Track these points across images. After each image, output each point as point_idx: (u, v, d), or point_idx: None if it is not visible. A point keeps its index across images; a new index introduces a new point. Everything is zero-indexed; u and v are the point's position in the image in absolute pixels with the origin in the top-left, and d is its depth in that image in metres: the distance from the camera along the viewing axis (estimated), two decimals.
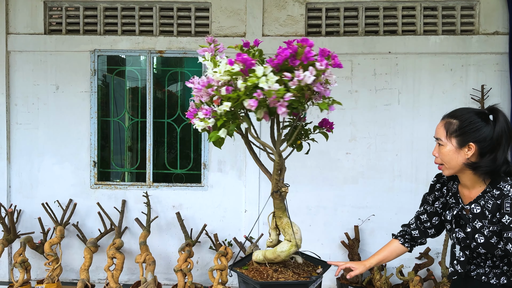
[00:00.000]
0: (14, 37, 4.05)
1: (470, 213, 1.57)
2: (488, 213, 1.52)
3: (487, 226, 1.52)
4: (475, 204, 1.56)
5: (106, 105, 4.31)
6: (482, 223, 1.53)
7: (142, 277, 3.43)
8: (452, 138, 1.54)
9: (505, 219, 1.47)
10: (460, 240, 1.62)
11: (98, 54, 4.08)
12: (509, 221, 1.46)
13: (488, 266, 1.61)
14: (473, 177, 1.56)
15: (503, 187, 1.50)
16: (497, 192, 1.51)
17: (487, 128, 1.51)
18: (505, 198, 1.48)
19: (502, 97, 3.87)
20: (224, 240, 3.98)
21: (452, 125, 1.55)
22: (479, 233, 1.53)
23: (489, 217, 1.52)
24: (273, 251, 1.72)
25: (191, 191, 4.08)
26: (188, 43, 4.02)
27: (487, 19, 3.89)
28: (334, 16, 4.02)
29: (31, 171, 4.11)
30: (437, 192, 1.75)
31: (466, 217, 1.59)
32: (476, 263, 1.65)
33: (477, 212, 1.55)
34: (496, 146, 1.50)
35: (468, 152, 1.53)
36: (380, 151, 3.95)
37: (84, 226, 4.08)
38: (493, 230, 1.51)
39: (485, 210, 1.52)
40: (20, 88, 4.08)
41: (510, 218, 1.46)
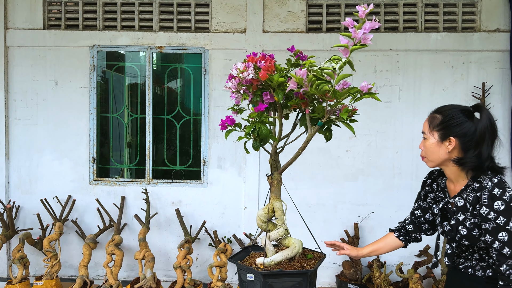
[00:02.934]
0: (13, 32, 4.02)
1: (455, 206, 1.64)
2: (469, 205, 1.58)
3: (469, 219, 1.58)
4: (459, 197, 1.62)
5: (106, 101, 4.29)
6: (464, 216, 1.60)
7: (141, 274, 3.42)
8: (435, 131, 1.62)
9: (483, 211, 1.53)
10: (446, 233, 1.68)
11: (97, 50, 4.06)
12: (486, 212, 1.52)
13: (475, 259, 1.67)
14: (456, 171, 1.63)
15: (482, 181, 1.56)
16: (477, 185, 1.58)
17: (468, 124, 1.57)
18: (483, 190, 1.54)
19: (503, 94, 3.86)
20: (223, 237, 3.97)
21: (435, 119, 1.64)
22: (462, 225, 1.60)
23: (470, 209, 1.58)
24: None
25: (190, 187, 4.07)
26: (188, 39, 4.00)
27: (489, 16, 3.87)
28: (335, 13, 4.00)
29: (30, 167, 4.10)
30: (428, 188, 1.82)
31: (451, 210, 1.66)
32: (465, 257, 1.71)
33: (460, 205, 1.61)
34: (479, 142, 1.56)
35: (449, 146, 1.60)
36: (380, 148, 3.94)
37: (83, 222, 4.07)
38: (474, 222, 1.57)
39: (467, 203, 1.59)
40: (19, 84, 4.06)
41: (487, 209, 1.52)
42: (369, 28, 1.45)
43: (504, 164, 1.61)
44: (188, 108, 4.25)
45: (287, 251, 1.74)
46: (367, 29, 1.46)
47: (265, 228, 1.84)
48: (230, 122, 1.72)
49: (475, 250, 1.66)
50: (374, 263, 3.56)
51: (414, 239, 1.93)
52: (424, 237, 1.92)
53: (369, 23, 1.46)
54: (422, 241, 1.97)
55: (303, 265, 1.72)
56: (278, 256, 1.72)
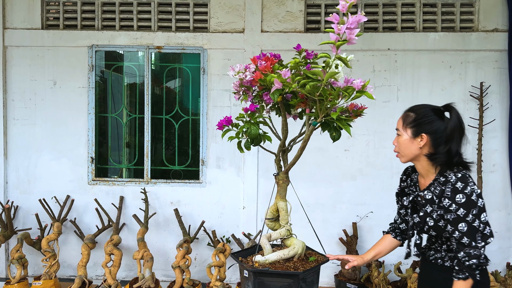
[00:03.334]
0: (11, 32, 4.02)
1: (423, 199, 1.76)
2: (435, 198, 1.70)
3: (436, 210, 1.70)
4: (428, 190, 1.74)
5: (104, 101, 4.28)
6: (432, 208, 1.71)
7: (140, 274, 3.42)
8: (408, 128, 1.72)
9: (445, 203, 1.65)
10: (416, 224, 1.79)
11: (96, 50, 4.05)
12: (448, 204, 1.64)
13: (444, 250, 1.77)
14: (427, 166, 1.74)
15: (448, 175, 1.68)
16: (443, 179, 1.69)
17: (439, 122, 1.69)
18: (447, 183, 1.66)
19: (501, 94, 3.87)
20: (222, 237, 3.97)
21: (409, 117, 1.74)
22: (429, 217, 1.72)
23: (437, 202, 1.70)
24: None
25: (189, 187, 4.07)
26: (186, 38, 4.00)
27: (487, 16, 3.87)
28: (333, 13, 4.00)
29: (28, 167, 4.09)
30: (403, 183, 1.93)
31: (421, 203, 1.77)
32: (434, 248, 1.81)
33: (428, 198, 1.73)
34: (449, 139, 1.67)
35: (420, 142, 1.70)
36: (378, 148, 3.94)
37: (82, 222, 4.07)
38: (440, 214, 1.68)
39: (434, 196, 1.71)
40: (17, 84, 4.06)
41: (449, 201, 1.63)
42: (353, 22, 1.41)
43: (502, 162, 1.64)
44: (187, 108, 4.25)
45: (284, 251, 1.74)
46: (351, 23, 1.42)
47: (272, 227, 1.86)
48: (227, 122, 1.72)
49: (443, 241, 1.76)
50: (372, 262, 3.57)
51: (410, 235, 1.96)
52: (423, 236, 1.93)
53: (353, 17, 1.42)
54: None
55: (297, 267, 1.70)
56: (273, 255, 1.72)
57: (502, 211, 3.92)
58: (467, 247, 1.60)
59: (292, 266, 1.71)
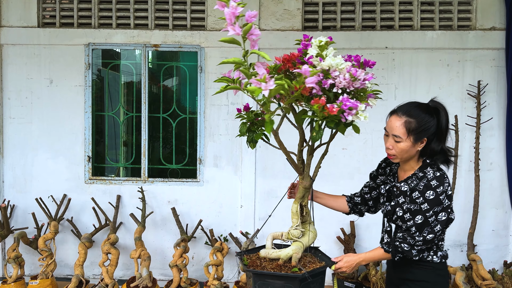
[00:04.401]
0: (7, 30, 3.99)
1: (398, 190, 1.84)
2: (409, 191, 1.78)
3: (407, 203, 1.78)
4: (404, 183, 1.82)
5: (101, 100, 4.26)
6: (404, 200, 1.80)
7: (137, 273, 3.41)
8: (411, 136, 1.74)
9: (414, 194, 1.75)
10: (387, 212, 1.89)
11: (92, 48, 4.03)
12: (416, 197, 1.74)
13: None
14: (413, 163, 1.83)
15: (427, 172, 1.77)
16: (421, 174, 1.78)
17: (434, 122, 1.76)
18: (423, 179, 1.75)
19: (499, 92, 3.87)
20: (219, 236, 3.97)
21: (411, 124, 1.74)
22: (399, 208, 1.81)
23: (409, 194, 1.78)
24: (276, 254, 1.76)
25: (186, 186, 4.06)
26: (183, 37, 3.99)
27: (484, 14, 3.87)
28: (331, 11, 4.00)
29: (25, 166, 4.07)
30: (381, 170, 2.02)
31: (395, 193, 1.86)
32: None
33: (403, 190, 1.81)
34: (443, 137, 1.78)
35: (421, 145, 1.78)
36: (376, 146, 3.94)
37: (79, 221, 4.06)
38: (408, 207, 1.77)
39: (408, 189, 1.79)
40: (13, 82, 4.03)
41: (418, 194, 1.74)
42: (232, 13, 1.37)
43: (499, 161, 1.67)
44: (184, 107, 4.23)
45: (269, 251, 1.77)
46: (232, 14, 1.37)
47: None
48: (246, 109, 1.67)
49: None
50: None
51: (358, 211, 2.14)
52: None
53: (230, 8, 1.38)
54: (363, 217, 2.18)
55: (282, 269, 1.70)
56: (263, 251, 1.79)
57: (499, 209, 3.93)
58: (409, 234, 1.74)
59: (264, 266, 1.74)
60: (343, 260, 1.78)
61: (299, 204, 1.79)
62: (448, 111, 1.82)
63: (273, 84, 1.34)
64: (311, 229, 1.83)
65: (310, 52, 1.53)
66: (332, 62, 1.47)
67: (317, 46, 1.53)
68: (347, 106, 1.44)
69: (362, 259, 1.81)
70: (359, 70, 1.51)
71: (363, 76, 1.51)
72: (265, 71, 1.42)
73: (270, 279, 1.65)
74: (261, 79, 1.35)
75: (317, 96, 1.47)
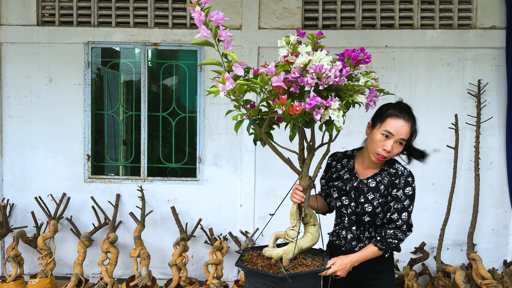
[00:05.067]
0: (6, 29, 3.98)
1: (366, 186, 1.88)
2: (383, 187, 1.85)
3: (377, 198, 1.84)
4: (372, 179, 1.87)
5: (100, 98, 4.26)
6: (374, 195, 1.85)
7: (136, 272, 3.41)
8: (409, 139, 1.84)
9: (398, 193, 1.83)
10: (347, 207, 1.91)
11: (92, 46, 4.02)
12: (400, 194, 1.82)
13: (366, 238, 1.92)
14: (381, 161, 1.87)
15: (398, 168, 1.87)
16: (393, 171, 1.86)
17: None
18: (400, 176, 1.84)
19: (499, 92, 3.87)
20: (219, 235, 3.96)
21: (413, 128, 1.84)
22: (369, 203, 1.85)
23: (382, 190, 1.85)
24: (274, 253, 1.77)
25: (186, 185, 4.06)
26: (183, 35, 3.98)
27: (485, 13, 3.87)
28: (331, 9, 3.99)
29: (24, 165, 4.07)
30: (333, 169, 2.04)
31: (362, 189, 1.88)
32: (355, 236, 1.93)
33: (372, 186, 1.86)
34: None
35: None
36: None
37: (78, 220, 4.05)
38: (381, 202, 1.84)
39: (380, 185, 1.85)
40: (13, 81, 4.02)
41: (401, 192, 1.82)
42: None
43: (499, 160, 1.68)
44: (184, 105, 4.23)
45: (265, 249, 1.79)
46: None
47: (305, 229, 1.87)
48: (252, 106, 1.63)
49: (366, 228, 1.92)
50: None
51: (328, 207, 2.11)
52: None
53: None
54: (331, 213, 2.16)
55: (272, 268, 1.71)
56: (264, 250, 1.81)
57: (499, 209, 3.92)
58: (400, 230, 1.82)
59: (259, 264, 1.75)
60: (336, 264, 1.74)
61: (297, 204, 1.78)
62: (448, 110, 1.88)
63: (231, 84, 1.36)
64: (311, 231, 1.80)
65: (281, 53, 1.49)
66: (304, 60, 1.43)
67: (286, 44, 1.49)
68: (312, 105, 1.38)
69: (356, 260, 1.80)
70: (337, 65, 1.45)
71: (333, 72, 1.43)
72: (242, 71, 1.43)
73: (256, 277, 1.67)
74: (220, 80, 1.38)
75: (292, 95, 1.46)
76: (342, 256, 1.78)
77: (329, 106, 1.39)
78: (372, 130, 1.85)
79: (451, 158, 3.81)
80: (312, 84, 1.43)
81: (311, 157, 1.74)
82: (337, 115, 1.40)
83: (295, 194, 1.75)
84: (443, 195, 3.85)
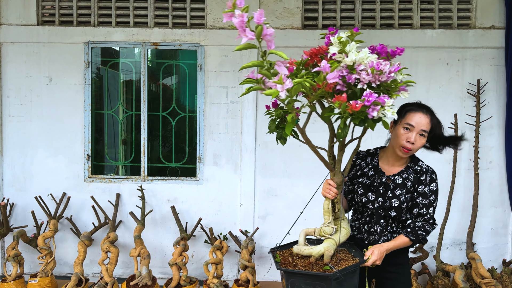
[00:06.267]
0: (6, 28, 3.98)
1: (392, 183, 1.97)
2: (410, 183, 1.95)
3: (404, 194, 1.94)
4: (398, 176, 1.97)
5: (100, 98, 4.26)
6: (401, 191, 1.95)
7: (136, 271, 3.41)
8: (430, 133, 1.93)
9: (426, 189, 1.94)
10: (374, 202, 1.98)
11: (92, 46, 4.03)
12: (426, 190, 1.94)
13: (389, 232, 2.00)
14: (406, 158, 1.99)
15: (422, 166, 1.98)
16: (418, 168, 1.98)
17: None
18: (425, 173, 1.96)
19: (498, 91, 3.87)
20: (219, 234, 3.97)
21: (433, 122, 1.93)
22: (396, 199, 1.94)
23: (409, 187, 1.95)
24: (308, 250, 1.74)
25: (186, 185, 4.06)
26: (183, 35, 3.98)
27: (484, 13, 3.87)
28: (331, 9, 4.00)
29: (24, 164, 4.07)
30: (357, 167, 2.11)
31: (389, 185, 1.97)
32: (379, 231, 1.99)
33: (399, 182, 1.96)
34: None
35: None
36: (376, 144, 3.89)
37: (78, 219, 4.05)
38: (407, 197, 1.94)
39: (407, 181, 1.95)
40: (13, 80, 4.03)
41: (428, 188, 1.94)
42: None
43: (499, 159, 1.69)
44: (184, 105, 4.23)
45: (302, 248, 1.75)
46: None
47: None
48: (274, 105, 1.59)
49: (389, 223, 1.99)
50: None
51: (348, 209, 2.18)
52: None
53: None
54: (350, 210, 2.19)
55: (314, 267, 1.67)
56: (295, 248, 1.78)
57: (498, 208, 3.93)
58: (428, 223, 1.95)
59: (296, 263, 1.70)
60: (375, 253, 1.80)
61: (330, 201, 1.75)
62: (448, 109, 1.89)
63: (290, 84, 1.30)
64: (344, 226, 1.80)
65: (331, 50, 1.47)
66: (355, 58, 1.42)
67: (338, 43, 1.47)
68: (370, 102, 1.37)
69: (390, 248, 1.89)
70: (384, 62, 1.44)
71: (388, 68, 1.44)
72: (285, 70, 1.37)
73: (302, 278, 1.61)
74: (278, 81, 1.31)
75: (341, 92, 1.42)
76: (377, 245, 1.85)
77: (383, 103, 1.39)
78: (395, 127, 1.95)
79: (451, 158, 3.82)
80: (366, 81, 1.42)
81: (342, 154, 1.74)
82: (392, 112, 1.41)
83: (329, 190, 1.77)
84: (443, 194, 3.85)
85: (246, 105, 3.94)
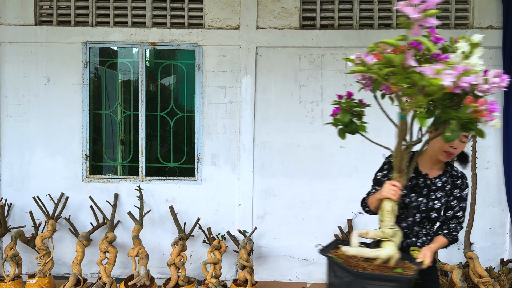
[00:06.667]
0: (4, 28, 3.98)
1: (434, 185, 2.05)
2: (449, 187, 2.04)
3: (444, 197, 2.04)
4: (438, 179, 2.06)
5: (98, 98, 4.26)
6: (441, 194, 2.04)
7: (135, 271, 3.41)
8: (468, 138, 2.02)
9: (462, 193, 2.05)
10: (417, 203, 2.03)
11: (90, 46, 4.02)
12: (464, 194, 2.06)
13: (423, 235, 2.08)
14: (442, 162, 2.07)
15: (457, 171, 2.10)
16: (455, 172, 2.08)
17: None
18: (461, 178, 2.07)
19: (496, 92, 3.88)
20: (217, 234, 3.97)
21: None
22: (437, 201, 2.03)
23: (446, 189, 2.04)
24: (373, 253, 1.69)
25: (184, 184, 4.06)
26: (181, 35, 3.98)
27: (481, 13, 3.88)
28: (329, 9, 4.00)
29: (22, 164, 4.06)
30: (387, 171, 2.17)
31: (432, 188, 2.05)
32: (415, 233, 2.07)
33: (439, 185, 2.05)
34: None
35: None
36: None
37: (76, 219, 4.05)
38: (445, 200, 2.04)
39: (447, 185, 2.05)
40: (11, 80, 4.02)
41: (464, 193, 2.06)
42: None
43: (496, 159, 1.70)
44: (182, 105, 4.23)
45: (365, 250, 1.70)
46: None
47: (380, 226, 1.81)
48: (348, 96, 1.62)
49: (425, 225, 2.07)
50: None
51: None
52: None
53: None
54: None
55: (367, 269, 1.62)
56: (353, 250, 1.72)
57: (496, 207, 3.95)
58: (459, 225, 2.08)
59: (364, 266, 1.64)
60: (427, 255, 1.85)
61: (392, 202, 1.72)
62: None
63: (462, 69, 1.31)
64: (397, 228, 1.75)
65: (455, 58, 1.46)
66: (476, 62, 1.42)
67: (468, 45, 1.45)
68: (495, 110, 1.39)
69: (434, 249, 1.96)
70: (491, 72, 1.43)
71: (494, 79, 1.42)
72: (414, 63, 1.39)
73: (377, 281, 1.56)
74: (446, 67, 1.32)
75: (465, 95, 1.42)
76: (427, 247, 1.93)
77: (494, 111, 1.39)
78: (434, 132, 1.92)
79: None
80: (484, 89, 1.43)
81: (408, 156, 1.74)
82: (497, 121, 1.41)
83: (394, 192, 1.71)
84: None
85: (244, 105, 3.94)
